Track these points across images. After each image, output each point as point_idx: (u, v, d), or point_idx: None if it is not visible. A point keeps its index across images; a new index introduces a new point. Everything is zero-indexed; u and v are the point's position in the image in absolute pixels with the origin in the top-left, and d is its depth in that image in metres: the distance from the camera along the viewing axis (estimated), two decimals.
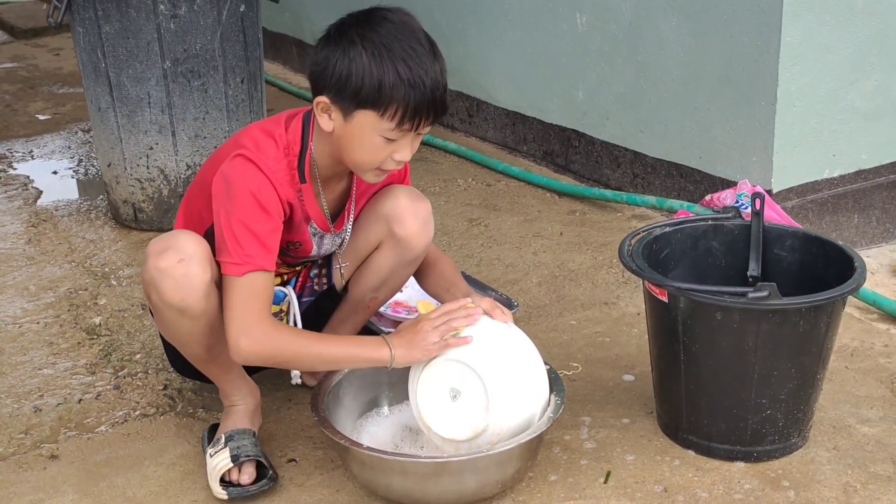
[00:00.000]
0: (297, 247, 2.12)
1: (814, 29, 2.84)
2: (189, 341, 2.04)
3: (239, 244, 1.93)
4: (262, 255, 1.94)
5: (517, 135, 3.96)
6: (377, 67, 1.85)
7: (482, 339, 1.97)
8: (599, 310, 2.76)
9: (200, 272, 1.93)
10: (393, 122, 1.88)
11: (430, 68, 1.89)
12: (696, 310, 2.00)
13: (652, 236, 2.22)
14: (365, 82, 1.86)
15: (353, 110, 1.90)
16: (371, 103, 1.87)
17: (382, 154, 1.94)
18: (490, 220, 3.40)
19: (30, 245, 3.35)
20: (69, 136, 4.51)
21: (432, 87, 1.88)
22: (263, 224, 1.95)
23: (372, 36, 1.88)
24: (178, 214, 2.20)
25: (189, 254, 1.93)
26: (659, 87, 3.27)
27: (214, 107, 3.27)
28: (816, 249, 2.19)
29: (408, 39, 1.89)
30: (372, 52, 1.86)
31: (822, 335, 2.01)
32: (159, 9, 3.10)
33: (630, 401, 2.32)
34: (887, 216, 3.13)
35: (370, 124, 1.90)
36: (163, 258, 1.93)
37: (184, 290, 1.93)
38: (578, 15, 3.51)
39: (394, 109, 1.87)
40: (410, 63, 1.86)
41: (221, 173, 1.98)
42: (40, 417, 2.37)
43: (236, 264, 1.93)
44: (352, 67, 1.87)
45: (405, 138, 1.93)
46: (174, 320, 1.98)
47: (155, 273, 1.93)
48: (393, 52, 1.86)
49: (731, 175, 3.06)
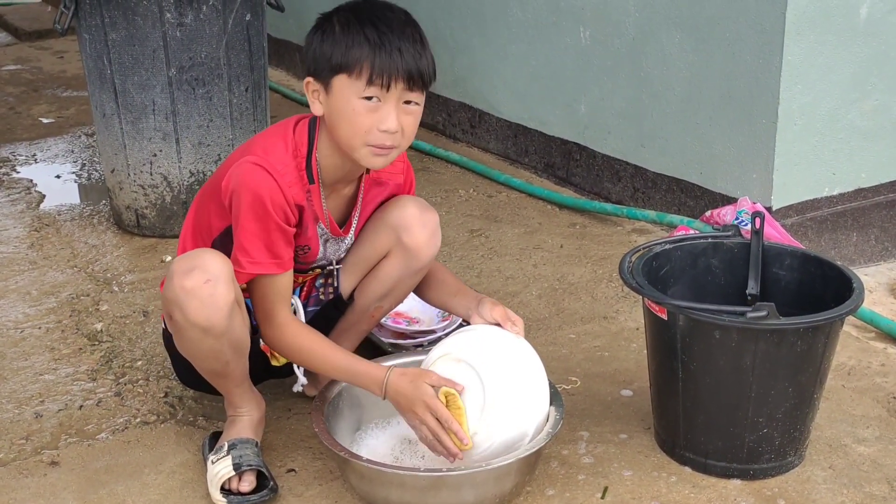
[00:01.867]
0: (306, 251, 2.15)
1: (815, 48, 2.86)
2: (207, 357, 2.06)
3: (246, 251, 2.00)
4: (268, 261, 2.02)
5: (519, 146, 3.98)
6: (346, 33, 1.95)
7: (493, 346, 1.99)
8: (599, 324, 2.78)
9: (226, 292, 1.96)
10: (362, 79, 1.93)
11: (399, 30, 1.95)
12: (694, 328, 2.01)
13: (652, 253, 2.23)
14: (336, 48, 1.95)
15: (330, 80, 1.96)
16: (342, 66, 1.94)
17: (366, 122, 1.95)
18: (491, 231, 3.42)
19: (32, 249, 3.36)
20: (72, 140, 4.53)
21: (399, 46, 1.94)
22: (269, 228, 1.99)
23: (347, 13, 1.98)
24: (186, 221, 2.22)
25: (215, 274, 1.95)
26: (661, 103, 3.29)
27: (218, 115, 3.29)
28: (815, 269, 2.20)
29: (380, 9, 1.99)
30: (343, 23, 1.96)
31: (820, 355, 2.02)
32: (165, 17, 3.12)
33: (628, 416, 2.34)
34: (886, 235, 3.14)
35: (345, 88, 1.95)
36: (189, 278, 1.95)
37: (209, 309, 1.95)
38: (582, 29, 3.53)
39: (360, 67, 1.93)
40: (379, 25, 1.94)
41: (230, 178, 2.02)
42: (41, 423, 2.38)
43: (243, 272, 2.01)
44: (326, 40, 1.97)
45: (387, 104, 1.95)
46: (197, 338, 2.00)
47: (180, 292, 1.95)
48: (362, 19, 1.95)
49: (732, 191, 3.08)
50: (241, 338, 2.06)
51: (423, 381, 1.97)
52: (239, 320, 2.04)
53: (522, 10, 3.78)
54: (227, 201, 2.03)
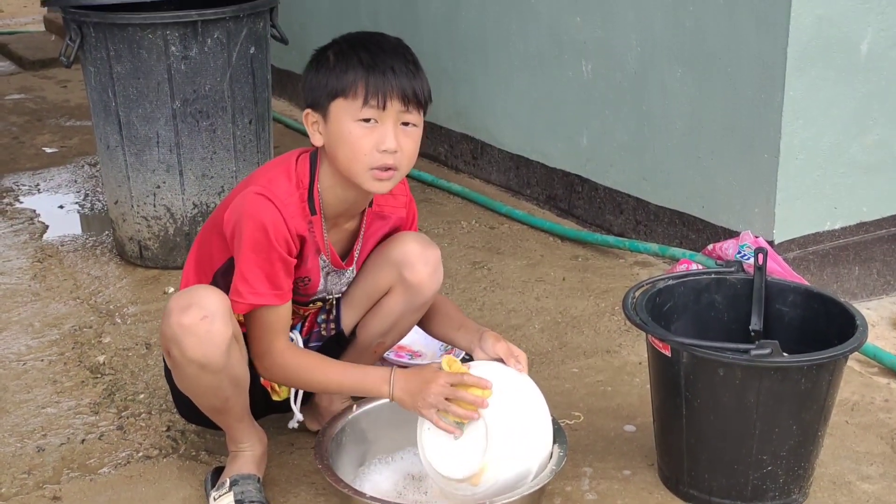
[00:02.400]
0: (306, 283, 2.15)
1: (817, 84, 2.88)
2: (206, 393, 2.06)
3: (247, 281, 2.01)
4: (268, 292, 2.02)
5: (521, 178, 3.99)
6: (341, 61, 1.98)
7: (496, 383, 1.99)
8: (601, 358, 2.78)
9: (223, 329, 1.97)
10: (358, 100, 1.95)
11: (392, 53, 1.99)
12: (698, 365, 2.01)
13: (655, 289, 2.24)
14: (331, 75, 1.98)
15: (327, 106, 1.99)
16: (337, 91, 1.97)
17: (365, 144, 1.96)
18: (493, 263, 3.42)
19: (35, 281, 3.37)
20: (76, 170, 4.54)
21: (393, 66, 1.97)
22: (271, 258, 2.00)
23: (341, 43, 2.02)
24: (190, 255, 2.22)
25: (212, 311, 1.96)
26: (663, 136, 3.30)
27: (222, 147, 3.30)
28: (818, 306, 2.21)
29: (374, 37, 2.03)
30: (337, 52, 2.00)
31: (824, 392, 2.02)
32: (170, 50, 3.14)
33: (631, 452, 2.33)
34: (888, 269, 3.15)
35: (342, 112, 1.97)
36: (186, 315, 1.95)
37: (206, 346, 1.96)
38: (584, 63, 3.55)
39: (355, 89, 1.95)
40: (372, 48, 1.99)
41: (233, 210, 2.03)
42: (43, 457, 2.38)
43: (243, 303, 2.02)
44: (320, 70, 2.00)
45: (384, 125, 1.97)
46: (195, 375, 2.01)
47: (178, 329, 1.96)
48: (355, 46, 2.00)
49: (734, 225, 3.09)
50: (239, 373, 2.06)
51: (426, 369, 2.02)
52: (237, 356, 2.04)
53: (525, 43, 3.80)
54: (230, 232, 2.04)
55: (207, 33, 3.15)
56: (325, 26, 5.10)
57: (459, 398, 1.95)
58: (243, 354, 2.08)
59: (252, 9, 3.24)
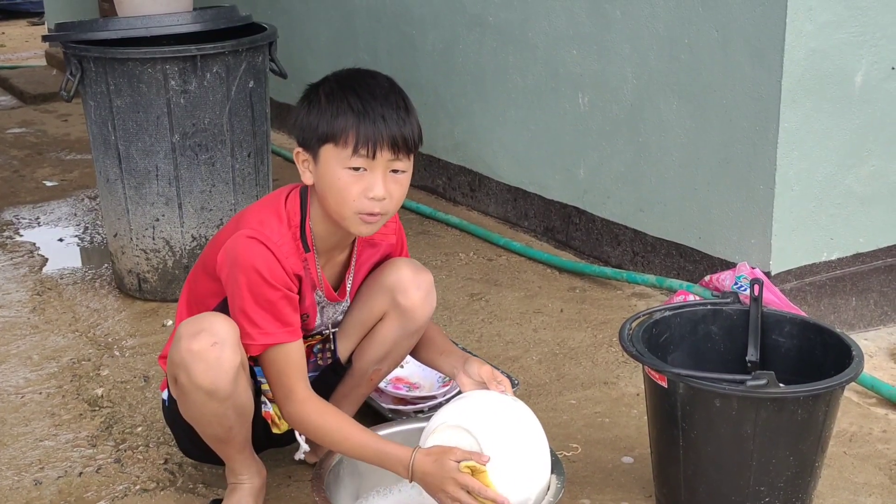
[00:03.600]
0: (305, 320, 2.15)
1: (811, 115, 2.90)
2: (211, 421, 2.06)
3: (254, 323, 2.00)
4: (279, 330, 2.02)
5: (518, 210, 4.01)
6: (331, 103, 1.97)
7: (493, 412, 1.99)
8: (599, 389, 2.78)
9: (232, 356, 1.97)
10: (348, 148, 1.95)
11: (383, 98, 1.98)
12: (695, 396, 2.02)
13: (652, 320, 2.24)
14: (321, 118, 1.97)
15: (317, 150, 1.99)
16: (328, 135, 1.97)
17: (354, 190, 1.97)
18: (491, 295, 3.43)
19: (34, 313, 3.37)
20: (76, 203, 4.56)
21: (383, 113, 1.96)
22: (271, 299, 2.00)
23: (332, 83, 2.01)
24: (182, 294, 2.22)
25: (222, 337, 1.97)
26: (659, 168, 3.32)
27: (221, 180, 3.32)
28: (815, 336, 2.21)
29: (366, 79, 2.02)
30: (328, 92, 1.99)
31: (821, 423, 2.02)
32: (170, 84, 3.16)
33: (629, 484, 2.33)
34: (885, 299, 3.16)
35: (332, 158, 1.97)
36: (196, 340, 1.96)
37: (215, 372, 1.96)
38: (580, 95, 3.58)
39: (346, 135, 1.95)
40: (362, 93, 1.98)
41: (226, 254, 2.02)
42: (40, 491, 2.38)
43: (255, 344, 2.01)
44: (311, 111, 2.00)
45: (373, 173, 1.97)
46: (201, 402, 2.01)
47: (187, 355, 1.96)
48: (346, 89, 1.99)
49: (731, 256, 3.10)
50: (245, 403, 2.06)
51: (447, 458, 1.93)
52: (244, 384, 2.04)
53: (522, 76, 3.83)
54: (225, 277, 2.04)
55: (206, 67, 3.18)
56: (323, 60, 5.14)
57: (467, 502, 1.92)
58: (250, 384, 2.09)
59: (251, 43, 3.27)
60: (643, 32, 3.27)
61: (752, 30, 2.90)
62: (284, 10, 5.37)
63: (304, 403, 2.05)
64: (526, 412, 2.04)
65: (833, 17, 2.83)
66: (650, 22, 3.23)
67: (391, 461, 1.99)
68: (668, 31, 3.18)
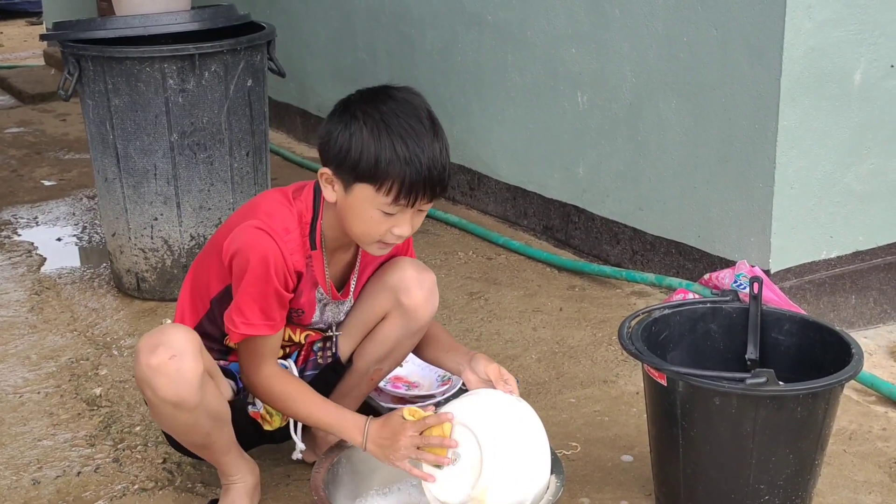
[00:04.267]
0: (300, 314, 2.15)
1: (810, 114, 2.89)
2: (187, 431, 2.06)
3: (242, 312, 2.02)
4: (261, 323, 2.03)
5: (518, 209, 4.01)
6: (375, 143, 1.91)
7: (495, 411, 1.99)
8: (598, 388, 2.77)
9: (193, 365, 1.96)
10: (389, 197, 1.92)
11: (429, 147, 1.93)
12: (694, 394, 2.01)
13: (651, 318, 2.24)
14: (363, 157, 1.91)
15: (352, 183, 1.95)
16: (368, 177, 1.92)
17: (381, 228, 1.98)
18: (490, 294, 3.42)
19: (32, 313, 3.37)
20: (74, 203, 4.56)
21: (429, 165, 1.92)
22: (266, 293, 2.01)
23: (373, 112, 1.93)
24: (185, 283, 2.23)
25: (180, 349, 1.96)
26: (658, 167, 3.32)
27: (219, 179, 3.31)
28: (814, 334, 2.21)
29: (408, 117, 1.94)
30: (371, 128, 1.92)
31: (820, 421, 2.02)
32: (168, 83, 3.16)
33: (629, 482, 2.33)
34: (885, 297, 3.15)
35: (367, 198, 1.95)
36: (154, 355, 1.95)
37: (178, 384, 1.95)
38: (579, 94, 3.57)
39: (389, 185, 1.91)
40: (408, 140, 1.91)
41: (232, 241, 2.03)
42: (39, 490, 2.37)
43: (237, 333, 2.04)
44: (352, 142, 1.93)
45: (404, 214, 1.97)
46: (171, 414, 2.01)
47: (147, 371, 1.96)
48: (391, 129, 1.91)
49: (730, 254, 3.10)
50: (217, 408, 2.06)
51: (395, 414, 2.01)
52: (212, 391, 2.03)
53: (521, 75, 3.82)
54: (227, 263, 2.04)
55: (205, 66, 3.18)
56: (322, 60, 5.14)
57: (428, 445, 1.95)
58: (221, 388, 2.09)
59: (249, 42, 3.27)
60: (642, 31, 3.26)
61: (750, 28, 2.89)
62: (283, 10, 5.36)
63: (269, 378, 2.10)
64: (529, 413, 2.04)
65: (832, 14, 2.83)
66: (649, 20, 3.23)
67: (347, 426, 2.05)
68: (666, 29, 3.17)
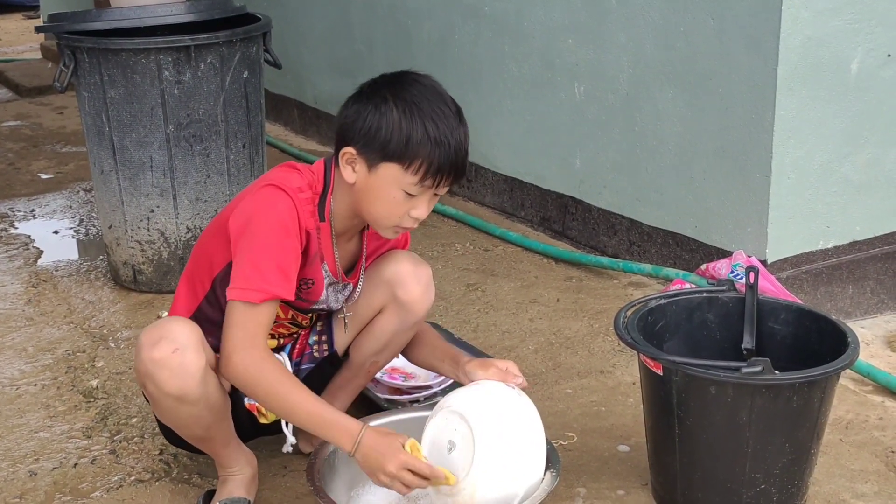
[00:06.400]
0: (309, 285, 2.13)
1: (807, 104, 2.89)
2: (187, 424, 2.06)
3: (259, 270, 1.95)
4: (280, 283, 1.96)
5: (515, 200, 4.00)
6: (407, 123, 1.94)
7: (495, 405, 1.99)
8: (595, 378, 2.77)
9: (196, 359, 1.96)
10: (416, 176, 1.95)
11: (456, 130, 1.97)
12: (690, 384, 2.01)
13: (647, 308, 2.24)
14: (394, 136, 1.94)
15: (378, 162, 1.96)
16: (397, 156, 1.94)
17: (401, 209, 1.99)
18: (487, 285, 3.42)
19: (29, 306, 3.37)
20: (71, 196, 4.55)
21: (456, 147, 1.96)
22: (285, 247, 1.98)
23: (404, 94, 1.97)
24: (186, 267, 2.22)
25: (183, 343, 1.95)
26: (655, 157, 3.31)
27: (216, 171, 3.31)
28: (810, 323, 2.21)
29: (437, 101, 1.98)
30: (403, 109, 1.95)
31: (816, 410, 2.02)
32: (164, 75, 3.15)
33: (625, 472, 2.33)
34: (882, 287, 3.15)
35: (394, 177, 1.96)
36: (157, 349, 1.95)
37: (181, 378, 1.95)
38: (576, 85, 3.57)
39: (418, 164, 1.94)
40: (438, 122, 1.95)
41: (245, 205, 2.01)
42: (35, 482, 2.37)
43: (256, 291, 1.94)
44: (382, 121, 1.95)
45: (424, 195, 1.99)
46: (172, 408, 2.00)
47: (150, 365, 1.95)
48: (422, 111, 1.95)
49: (727, 245, 3.09)
50: (217, 401, 2.05)
51: (396, 439, 1.93)
52: (213, 384, 2.03)
53: (518, 66, 3.82)
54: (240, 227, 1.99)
55: (201, 58, 3.17)
56: (319, 51, 5.13)
57: (410, 484, 1.91)
58: (221, 380, 2.08)
59: (245, 33, 3.26)
60: (638, 21, 3.26)
61: (747, 17, 2.89)
62: (279, 1, 5.35)
63: (263, 359, 1.96)
64: (528, 407, 2.03)
65: (829, 4, 2.82)
66: (645, 11, 3.22)
67: (339, 430, 1.94)
68: (663, 19, 3.17)
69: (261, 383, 1.95)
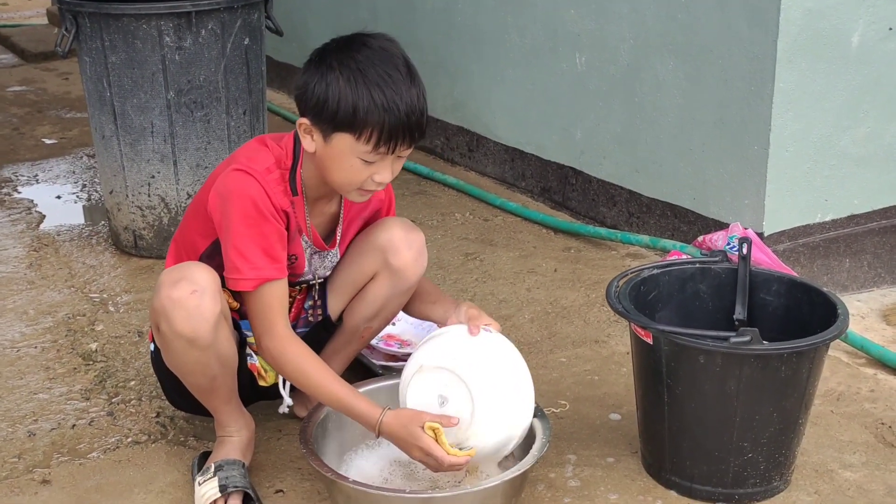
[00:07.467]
0: (293, 261, 2.16)
1: (807, 76, 2.88)
2: (194, 371, 2.07)
3: (245, 258, 2.00)
4: (268, 265, 2.01)
5: (516, 170, 4.01)
6: (352, 92, 1.92)
7: (474, 350, 2.01)
8: (590, 348, 2.79)
9: (212, 304, 1.99)
10: (369, 145, 1.94)
11: (406, 93, 1.94)
12: (679, 353, 2.03)
13: (640, 278, 2.25)
14: (341, 106, 1.93)
15: (330, 132, 1.97)
16: (347, 126, 1.94)
17: (362, 175, 1.99)
18: (486, 254, 3.44)
19: (31, 269, 3.39)
20: (74, 161, 4.57)
21: (407, 111, 1.94)
22: (265, 232, 2.00)
23: (349, 61, 1.95)
24: (172, 243, 2.24)
25: (202, 286, 1.98)
26: (655, 129, 3.31)
27: (216, 137, 3.32)
28: (802, 295, 2.22)
29: (384, 65, 1.95)
30: (348, 77, 1.93)
31: (804, 380, 2.04)
32: (165, 40, 3.15)
33: (616, 440, 2.35)
34: (879, 261, 3.16)
35: (347, 146, 1.96)
36: (176, 289, 1.97)
37: (195, 320, 1.97)
38: (578, 55, 3.56)
39: (369, 133, 1.93)
40: (385, 88, 1.92)
41: (216, 191, 2.04)
42: (34, 442, 2.40)
43: (247, 279, 2.01)
44: (328, 92, 1.94)
45: (384, 160, 1.99)
46: (182, 350, 2.02)
47: (167, 302, 1.98)
48: (368, 77, 1.93)
49: (724, 217, 3.10)
50: (227, 352, 2.07)
51: (414, 425, 1.95)
52: (225, 334, 2.05)
53: (520, 36, 3.81)
54: (217, 213, 2.04)
55: (202, 24, 3.17)
56: (323, 19, 5.12)
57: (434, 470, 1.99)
58: (233, 335, 2.10)
59: (246, 0, 3.26)
60: None
61: None
62: None
63: (284, 340, 2.05)
64: (504, 343, 2.06)
65: None
66: None
67: (361, 417, 2.02)
68: None
69: (287, 369, 2.09)
